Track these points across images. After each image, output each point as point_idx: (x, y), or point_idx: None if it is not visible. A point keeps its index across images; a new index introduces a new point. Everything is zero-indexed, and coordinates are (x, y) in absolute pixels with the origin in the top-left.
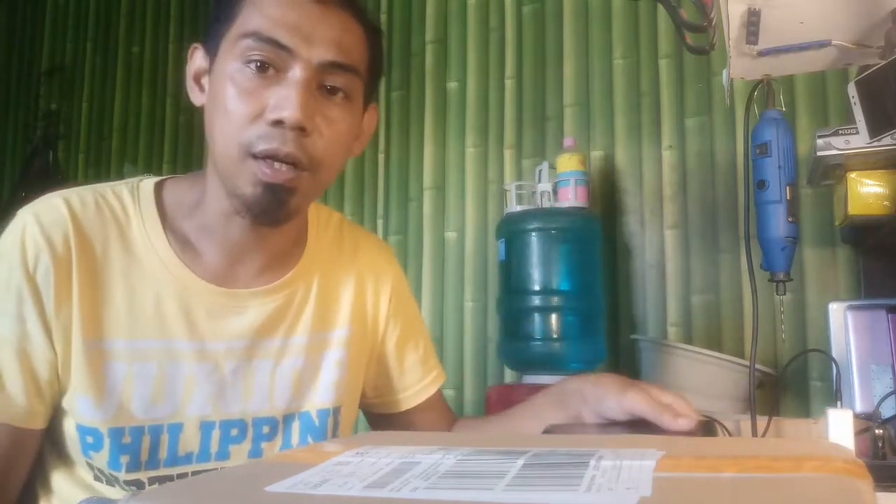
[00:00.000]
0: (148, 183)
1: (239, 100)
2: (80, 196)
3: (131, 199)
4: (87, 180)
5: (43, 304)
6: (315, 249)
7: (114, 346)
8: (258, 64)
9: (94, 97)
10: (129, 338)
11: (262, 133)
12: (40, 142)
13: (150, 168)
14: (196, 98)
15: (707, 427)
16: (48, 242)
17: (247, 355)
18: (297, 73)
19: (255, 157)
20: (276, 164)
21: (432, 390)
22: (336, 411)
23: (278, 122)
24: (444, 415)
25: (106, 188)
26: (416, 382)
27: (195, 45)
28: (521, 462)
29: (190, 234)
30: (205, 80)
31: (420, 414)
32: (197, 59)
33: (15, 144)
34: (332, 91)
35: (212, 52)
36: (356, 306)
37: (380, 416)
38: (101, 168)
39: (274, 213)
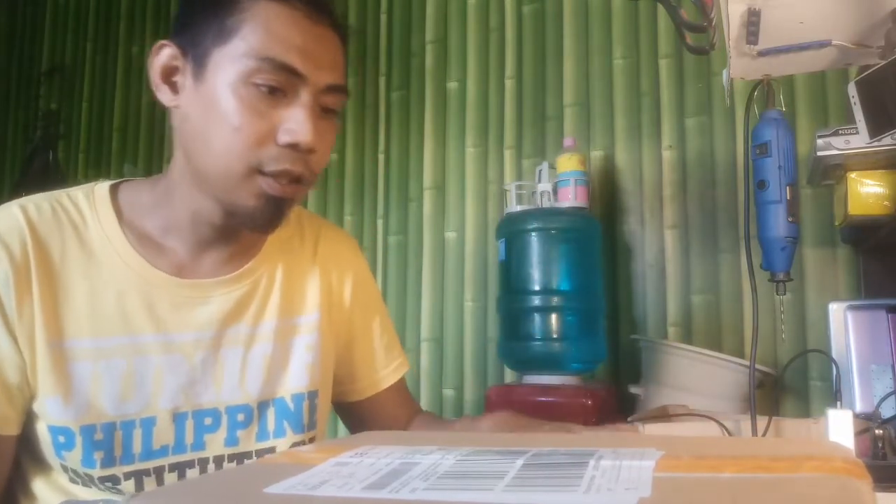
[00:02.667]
0: (102, 186)
1: (247, 119)
2: (36, 203)
3: (86, 201)
4: (87, 180)
5: (5, 311)
6: (276, 237)
7: (78, 345)
8: (271, 87)
9: (94, 97)
10: (93, 336)
11: (273, 154)
12: (40, 142)
13: (150, 168)
14: (165, 97)
15: None
16: (6, 249)
17: (215, 344)
18: (305, 97)
19: (264, 174)
20: (284, 180)
21: (394, 378)
22: (312, 395)
23: (293, 146)
24: (406, 404)
25: (61, 194)
26: (379, 370)
27: (162, 41)
28: (520, 462)
29: (151, 231)
30: (178, 80)
31: (382, 402)
32: (164, 56)
33: (15, 144)
34: (328, 111)
35: (196, 59)
36: (323, 294)
37: (342, 404)
38: (101, 168)
39: (273, 223)
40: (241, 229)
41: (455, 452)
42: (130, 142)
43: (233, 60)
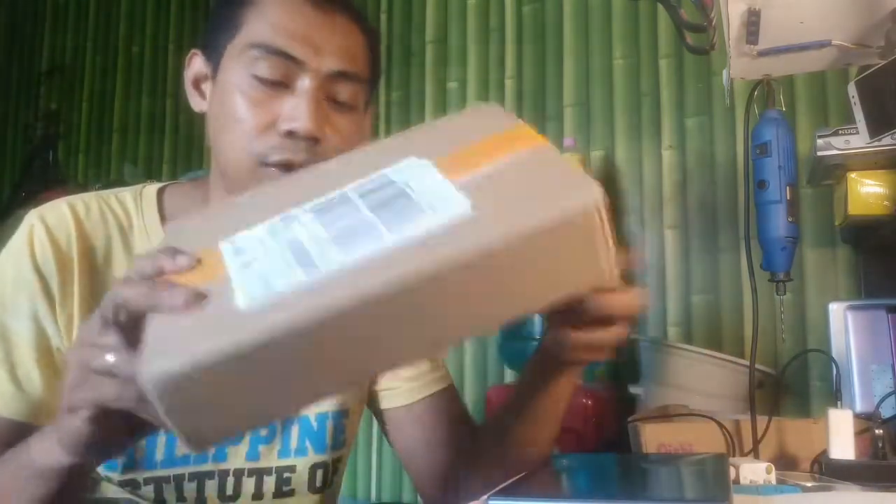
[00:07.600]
0: (151, 188)
1: (249, 111)
2: (85, 202)
3: (134, 204)
4: (87, 180)
5: (54, 301)
6: None
7: None
8: (268, 75)
9: (94, 97)
10: None
11: (274, 144)
12: (40, 142)
13: (150, 168)
14: (196, 104)
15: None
16: (53, 243)
17: None
18: (306, 83)
19: (268, 165)
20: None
21: (440, 385)
22: (338, 415)
23: (291, 133)
24: (462, 417)
25: (110, 194)
26: (422, 375)
27: (194, 50)
28: (362, 202)
29: None
30: (205, 87)
31: (434, 408)
32: (196, 65)
33: (15, 144)
34: (339, 100)
35: (214, 60)
36: None
37: (382, 410)
38: (101, 168)
39: None
40: None
41: (299, 217)
42: (130, 142)
43: (238, 54)
